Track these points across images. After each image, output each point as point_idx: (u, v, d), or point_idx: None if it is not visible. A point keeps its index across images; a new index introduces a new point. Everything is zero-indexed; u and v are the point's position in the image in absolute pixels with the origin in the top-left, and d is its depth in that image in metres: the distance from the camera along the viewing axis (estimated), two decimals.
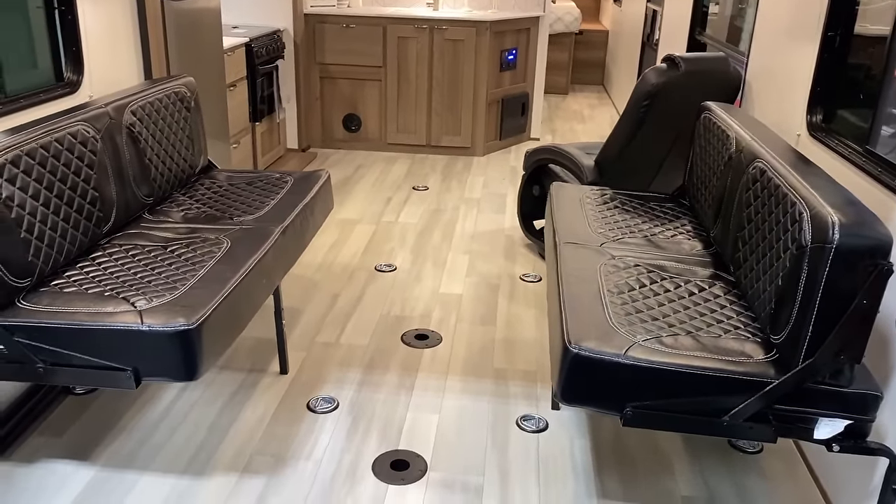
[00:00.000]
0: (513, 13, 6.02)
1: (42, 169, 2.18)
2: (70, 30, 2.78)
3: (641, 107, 3.30)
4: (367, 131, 6.00)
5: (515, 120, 6.29)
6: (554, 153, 3.86)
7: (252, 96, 4.84)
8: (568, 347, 1.88)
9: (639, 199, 3.16)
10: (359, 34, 5.71)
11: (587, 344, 1.89)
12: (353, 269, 3.82)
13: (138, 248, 2.43)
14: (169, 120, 2.98)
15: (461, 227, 4.48)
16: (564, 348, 1.90)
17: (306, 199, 2.93)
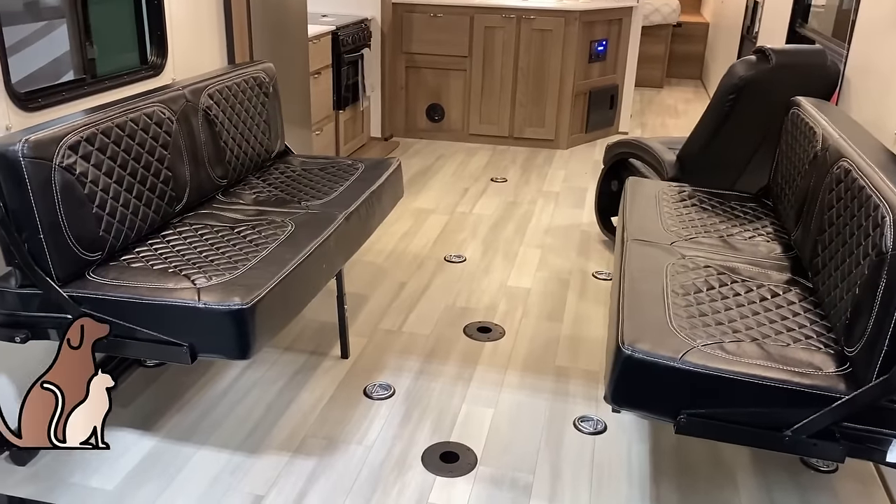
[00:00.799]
0: (605, 3, 5.86)
1: (116, 147, 2.26)
2: (155, 14, 2.87)
3: (727, 101, 3.13)
4: (450, 121, 5.99)
5: (603, 113, 6.14)
6: (635, 147, 3.73)
7: (336, 84, 4.90)
8: (621, 348, 1.81)
9: (719, 197, 3.01)
10: (446, 23, 5.70)
11: (642, 345, 1.81)
12: (423, 258, 3.82)
13: (207, 228, 2.50)
14: (246, 104, 3.04)
15: (536, 220, 4.40)
16: (617, 348, 1.82)
17: (373, 187, 2.94)
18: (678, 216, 2.78)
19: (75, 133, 2.10)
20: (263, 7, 3.57)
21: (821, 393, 1.72)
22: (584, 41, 5.71)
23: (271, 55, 3.65)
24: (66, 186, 2.04)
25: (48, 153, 2.00)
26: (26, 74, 2.43)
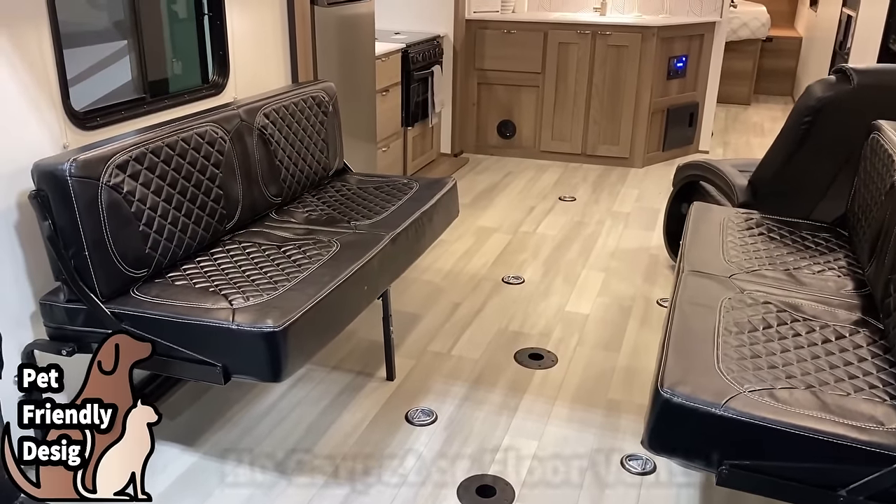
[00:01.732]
0: (686, 18, 5.67)
1: (166, 166, 2.31)
2: (218, 35, 2.93)
3: (803, 123, 2.95)
4: (522, 138, 5.91)
5: (681, 131, 5.93)
6: (705, 169, 3.57)
7: (405, 101, 4.91)
8: (659, 391, 1.70)
9: (790, 226, 2.83)
10: (519, 40, 5.64)
11: (682, 389, 1.69)
12: (481, 278, 3.76)
13: (255, 247, 2.51)
14: (304, 123, 3.06)
15: (602, 242, 4.27)
16: (656, 391, 1.71)
17: (425, 207, 2.90)
18: (742, 246, 2.62)
19: (124, 152, 2.15)
20: (330, 27, 3.61)
21: (881, 451, 1.56)
22: (662, 57, 5.53)
23: (336, 73, 3.68)
24: (113, 205, 2.09)
25: (95, 172, 2.05)
26: (97, 99, 2.53)
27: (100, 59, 2.73)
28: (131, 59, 2.62)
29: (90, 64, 2.70)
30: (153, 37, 2.70)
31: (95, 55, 2.71)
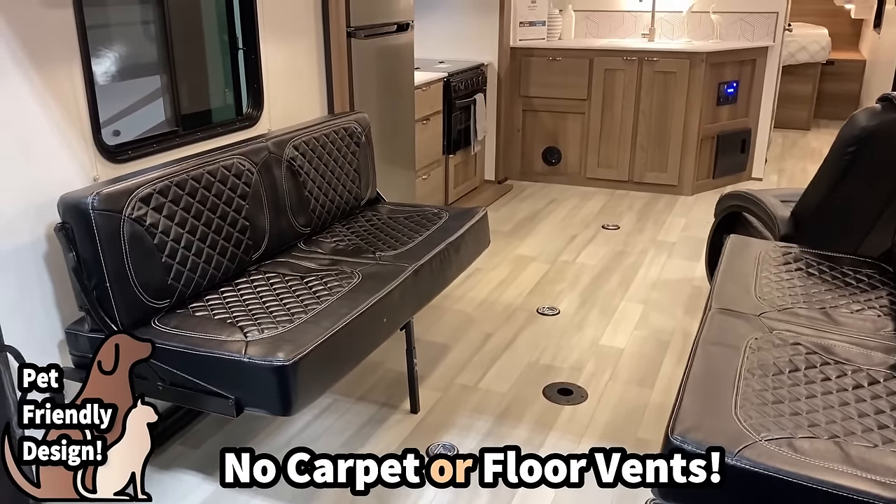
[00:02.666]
0: (737, 43, 5.55)
1: (191, 199, 2.35)
2: (252, 69, 3.00)
3: (846, 154, 2.83)
4: (567, 165, 5.85)
5: (733, 157, 5.78)
6: (746, 200, 3.46)
7: (447, 129, 4.93)
8: (669, 437, 1.63)
9: (830, 261, 2.71)
10: (564, 67, 5.61)
11: (694, 436, 1.63)
12: (515, 309, 3.71)
13: (279, 277, 2.54)
14: (335, 154, 3.10)
15: (644, 272, 4.17)
16: (666, 437, 1.64)
17: (452, 238, 2.88)
18: (778, 282, 2.52)
19: (148, 185, 2.21)
20: (367, 58, 3.65)
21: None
22: (712, 83, 5.42)
23: (374, 103, 3.72)
24: (135, 237, 2.14)
25: (118, 205, 2.10)
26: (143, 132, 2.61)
27: (147, 92, 2.83)
28: (164, 94, 2.69)
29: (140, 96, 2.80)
30: (186, 71, 2.77)
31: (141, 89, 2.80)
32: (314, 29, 3.35)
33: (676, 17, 5.81)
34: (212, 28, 2.98)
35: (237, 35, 2.95)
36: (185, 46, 2.79)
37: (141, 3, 2.64)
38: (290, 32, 3.19)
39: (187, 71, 2.78)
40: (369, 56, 3.69)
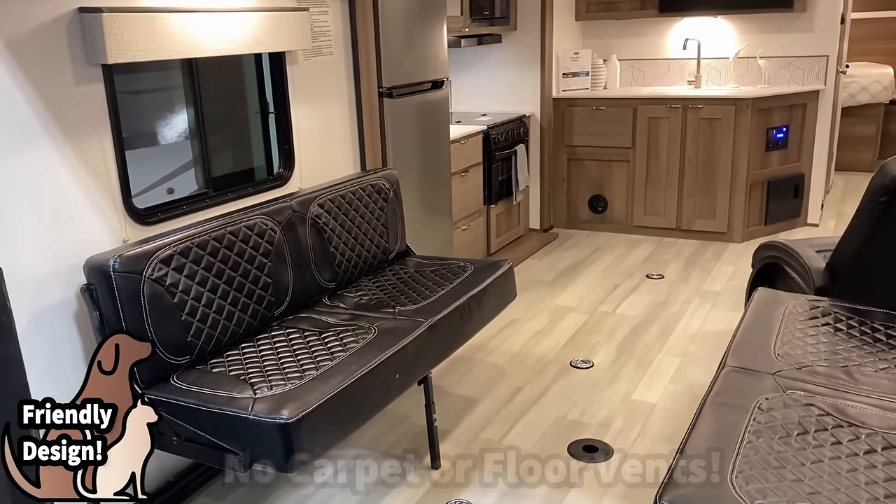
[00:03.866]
0: (785, 88, 5.46)
1: (212, 258, 2.46)
2: (283, 131, 3.13)
3: (878, 204, 2.74)
4: (614, 213, 5.81)
5: (786, 203, 5.63)
6: (782, 251, 3.36)
7: (487, 180, 4.99)
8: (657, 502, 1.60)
9: (861, 315, 2.61)
10: (608, 115, 5.62)
11: (684, 502, 1.58)
12: (548, 361, 3.68)
13: (298, 333, 2.61)
14: (362, 210, 3.18)
15: (685, 323, 4.09)
16: (654, 502, 1.61)
17: (473, 292, 2.91)
18: (801, 338, 2.44)
19: (169, 247, 2.32)
20: (401, 115, 3.76)
21: None
22: (759, 129, 5.33)
23: (409, 158, 3.82)
24: (155, 297, 2.25)
25: (138, 267, 2.22)
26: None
27: (181, 155, 2.99)
28: (195, 157, 2.84)
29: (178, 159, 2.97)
30: (217, 136, 2.92)
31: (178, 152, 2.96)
32: (346, 91, 3.47)
33: (723, 64, 5.76)
34: (243, 93, 3.13)
35: (268, 99, 3.08)
36: (216, 112, 2.94)
37: (172, 71, 2.80)
38: (322, 95, 3.32)
39: (218, 135, 2.92)
40: (403, 113, 3.80)
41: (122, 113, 2.41)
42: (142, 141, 2.76)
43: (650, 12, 5.71)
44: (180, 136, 2.89)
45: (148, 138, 2.81)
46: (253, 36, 2.76)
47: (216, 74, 2.95)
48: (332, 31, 3.33)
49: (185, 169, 2.86)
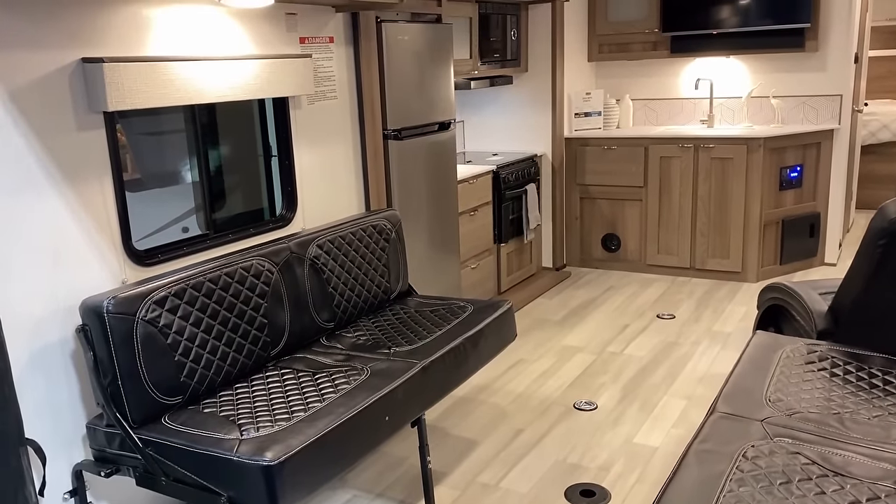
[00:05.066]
0: (799, 127, 5.43)
1: (208, 300, 2.50)
2: (286, 173, 3.20)
3: (877, 247, 2.71)
4: (627, 251, 5.80)
5: (801, 242, 5.57)
6: (785, 293, 3.33)
7: (497, 219, 5.02)
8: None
9: (860, 360, 2.57)
10: (620, 155, 5.64)
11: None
12: (551, 403, 3.66)
13: (292, 374, 2.63)
14: (362, 251, 3.22)
15: (693, 365, 4.04)
16: None
17: (469, 333, 2.92)
18: (796, 384, 2.41)
19: (164, 289, 2.37)
20: (406, 156, 3.82)
21: None
22: (772, 168, 5.30)
23: (415, 199, 3.87)
24: (148, 338, 2.29)
25: (132, 308, 2.27)
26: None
27: (184, 198, 3.07)
28: (196, 200, 2.91)
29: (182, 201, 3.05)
30: (218, 178, 3.00)
31: (182, 195, 3.04)
32: (350, 133, 3.54)
33: (736, 103, 5.77)
34: (247, 136, 3.21)
35: (271, 143, 3.16)
36: (217, 154, 3.02)
37: (174, 115, 2.89)
38: (326, 138, 3.39)
39: (221, 177, 3.00)
40: (409, 154, 3.86)
41: (137, 153, 2.49)
42: (154, 182, 2.84)
43: (662, 53, 5.75)
44: (183, 179, 2.96)
45: (159, 179, 2.89)
46: (254, 83, 2.84)
47: (220, 118, 3.03)
48: (336, 76, 3.41)
49: (188, 211, 2.92)
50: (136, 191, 3.08)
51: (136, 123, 2.93)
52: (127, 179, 3.04)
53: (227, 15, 2.81)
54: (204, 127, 2.90)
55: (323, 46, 3.31)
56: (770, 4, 5.33)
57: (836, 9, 5.32)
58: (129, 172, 2.98)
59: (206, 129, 2.92)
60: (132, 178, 3.05)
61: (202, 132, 2.88)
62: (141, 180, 3.08)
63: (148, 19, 2.55)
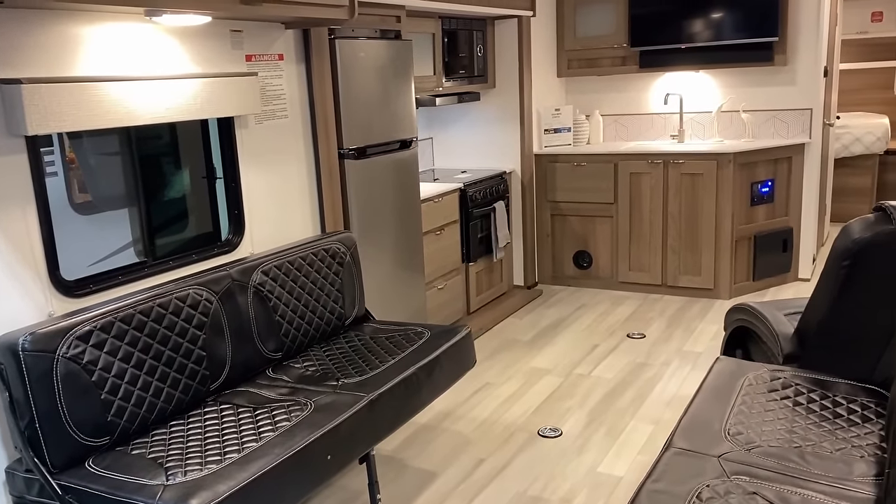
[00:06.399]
0: (770, 142, 5.37)
1: (138, 333, 2.37)
2: (232, 196, 3.07)
3: (841, 268, 2.62)
4: (599, 268, 5.70)
5: (774, 258, 5.50)
6: (750, 315, 3.23)
7: (465, 238, 4.91)
8: None
9: (824, 388, 2.47)
10: (590, 171, 5.55)
11: None
12: (515, 429, 3.53)
13: (232, 410, 2.50)
14: (313, 276, 3.09)
15: (661, 387, 3.93)
16: None
17: (423, 362, 2.80)
18: (758, 414, 2.30)
19: (88, 323, 2.23)
20: (365, 175, 3.70)
21: None
22: (744, 183, 5.23)
23: (376, 219, 3.76)
24: (70, 376, 2.15)
25: (51, 345, 2.13)
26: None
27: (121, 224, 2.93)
28: (132, 225, 2.77)
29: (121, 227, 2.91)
30: (157, 202, 2.86)
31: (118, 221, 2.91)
32: (304, 153, 3.42)
33: (706, 118, 5.70)
34: (191, 157, 3.08)
35: (214, 164, 3.03)
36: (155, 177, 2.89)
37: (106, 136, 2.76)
38: (276, 158, 3.26)
39: (158, 201, 2.86)
40: (368, 174, 3.75)
41: (87, 175, 2.36)
42: (105, 205, 2.71)
43: (631, 68, 5.68)
44: (117, 203, 2.83)
45: (110, 202, 2.76)
46: (194, 103, 2.71)
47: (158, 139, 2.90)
48: (287, 95, 3.29)
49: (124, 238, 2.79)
50: (87, 213, 2.95)
51: (87, 143, 2.80)
52: (80, 202, 2.92)
53: (164, 33, 2.69)
54: (143, 149, 2.77)
55: (272, 64, 3.19)
56: (738, 18, 5.28)
57: (804, 22, 5.28)
58: (77, 196, 2.86)
59: (147, 150, 2.78)
60: (84, 201, 2.93)
61: (140, 154, 2.75)
62: (92, 203, 2.95)
63: (77, 38, 2.43)
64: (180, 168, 3.07)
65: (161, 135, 2.93)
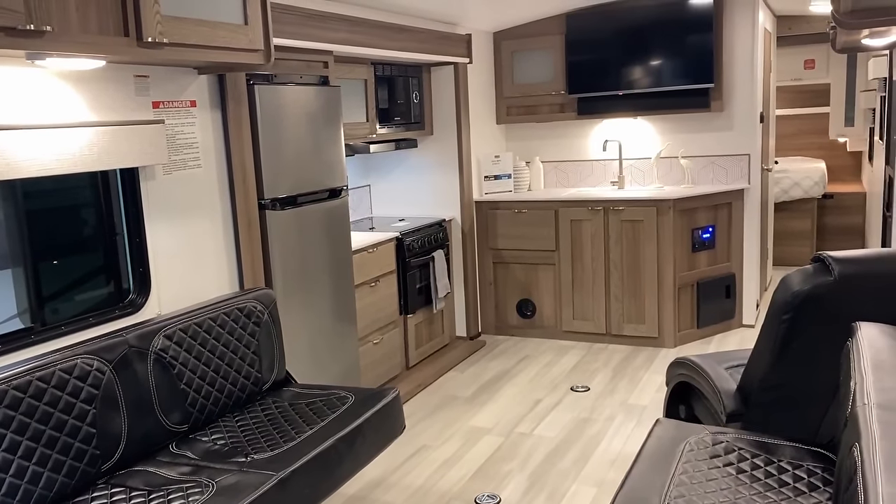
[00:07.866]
0: (709, 188, 5.34)
1: (12, 412, 2.10)
2: (137, 252, 2.83)
3: (781, 322, 2.50)
4: (543, 317, 5.55)
5: (718, 305, 5.42)
6: (691, 370, 3.09)
7: (402, 289, 4.71)
8: None
9: (769, 452, 2.31)
10: (531, 218, 5.43)
11: None
12: (451, 498, 3.30)
13: (124, 494, 2.23)
14: (225, 338, 2.86)
15: (606, 445, 3.75)
16: None
17: (343, 432, 2.57)
18: (699, 483, 2.13)
19: None
20: (289, 227, 3.50)
21: None
22: (684, 229, 5.17)
23: (302, 273, 3.55)
24: None
25: None
26: None
27: None
28: (16, 287, 2.51)
29: None
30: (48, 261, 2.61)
31: None
32: (219, 205, 3.21)
33: (646, 164, 5.67)
34: (86, 211, 2.84)
35: (115, 219, 2.80)
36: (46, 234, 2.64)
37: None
38: (188, 211, 3.04)
39: (49, 261, 2.61)
40: (292, 225, 3.54)
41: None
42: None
43: (569, 115, 5.64)
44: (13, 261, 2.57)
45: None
46: (89, 153, 2.49)
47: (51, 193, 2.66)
48: (200, 143, 3.09)
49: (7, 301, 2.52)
50: None
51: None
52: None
53: (56, 77, 2.48)
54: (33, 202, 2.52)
55: (183, 111, 2.99)
56: (674, 65, 5.28)
57: (738, 70, 5.30)
58: None
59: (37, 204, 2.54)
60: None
61: (28, 208, 2.50)
62: None
63: None
64: (78, 223, 2.82)
65: (55, 188, 2.68)
